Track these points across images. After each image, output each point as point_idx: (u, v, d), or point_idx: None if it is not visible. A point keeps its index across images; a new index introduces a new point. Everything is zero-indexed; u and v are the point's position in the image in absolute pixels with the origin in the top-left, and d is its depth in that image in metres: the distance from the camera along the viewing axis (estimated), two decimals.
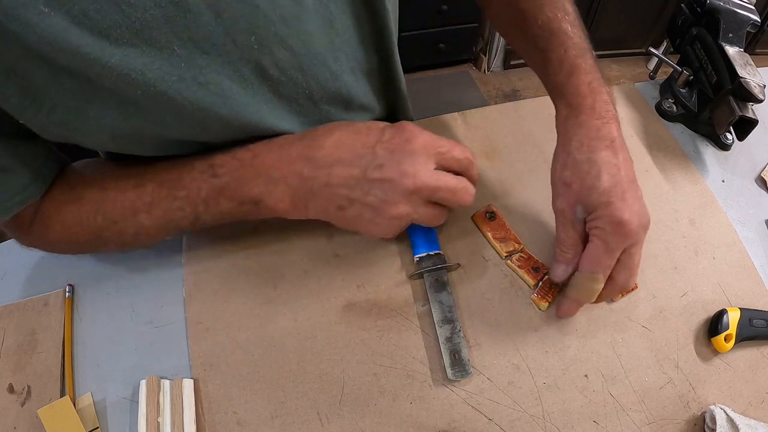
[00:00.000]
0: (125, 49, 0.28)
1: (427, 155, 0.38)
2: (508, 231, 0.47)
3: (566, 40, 0.42)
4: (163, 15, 0.28)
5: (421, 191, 0.38)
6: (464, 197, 0.40)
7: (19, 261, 0.47)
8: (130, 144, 0.37)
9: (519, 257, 0.46)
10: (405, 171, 0.37)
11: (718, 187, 0.54)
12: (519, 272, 0.45)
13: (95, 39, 0.27)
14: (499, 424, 0.39)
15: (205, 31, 0.30)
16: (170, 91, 0.31)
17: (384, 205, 0.37)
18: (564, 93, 0.41)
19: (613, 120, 0.39)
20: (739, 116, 0.49)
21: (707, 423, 0.40)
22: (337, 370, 0.41)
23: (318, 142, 0.38)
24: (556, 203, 0.41)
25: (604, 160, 0.38)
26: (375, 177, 0.37)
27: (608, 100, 0.40)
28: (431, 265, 0.44)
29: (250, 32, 0.32)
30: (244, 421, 0.38)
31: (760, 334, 0.43)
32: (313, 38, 0.37)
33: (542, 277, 0.45)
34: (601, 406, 0.40)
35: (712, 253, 0.49)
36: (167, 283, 0.45)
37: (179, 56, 0.30)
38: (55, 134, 0.34)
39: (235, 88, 0.35)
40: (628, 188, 0.37)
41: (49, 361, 0.41)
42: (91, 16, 0.26)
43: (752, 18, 0.54)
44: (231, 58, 0.33)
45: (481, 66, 1.98)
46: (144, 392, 0.38)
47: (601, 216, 0.37)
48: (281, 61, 0.36)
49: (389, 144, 0.38)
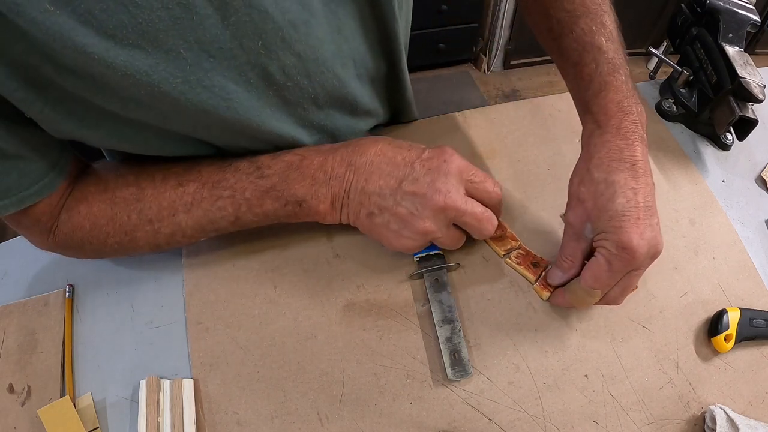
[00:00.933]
0: (130, 51, 0.28)
1: (460, 179, 0.39)
2: (504, 229, 0.47)
3: (599, 55, 0.41)
4: (170, 17, 0.28)
5: (448, 210, 0.38)
6: (487, 226, 0.40)
7: (19, 261, 0.47)
8: (133, 140, 0.36)
9: (517, 254, 0.46)
10: (438, 188, 0.38)
11: (718, 187, 0.54)
12: (518, 269, 0.45)
13: (101, 39, 0.27)
14: (499, 424, 0.39)
15: (212, 35, 0.30)
16: (174, 92, 0.31)
17: (411, 218, 0.38)
18: (592, 110, 0.40)
19: (638, 142, 0.38)
20: (739, 116, 0.49)
21: (707, 423, 0.40)
22: (337, 370, 0.41)
23: (361, 149, 0.40)
24: (568, 215, 0.41)
25: (621, 183, 0.36)
26: (408, 190, 0.38)
27: (637, 121, 0.39)
28: (431, 266, 0.44)
29: (257, 37, 0.32)
30: (244, 421, 0.38)
31: (760, 334, 0.43)
32: (321, 44, 0.37)
33: (543, 271, 0.45)
34: (601, 406, 0.40)
35: (712, 253, 0.49)
36: (167, 283, 0.45)
37: (185, 59, 0.30)
38: (61, 130, 0.34)
39: (239, 91, 0.34)
40: (642, 215, 0.36)
41: (49, 361, 0.41)
42: (97, 15, 0.26)
43: (752, 18, 0.54)
44: (237, 62, 0.33)
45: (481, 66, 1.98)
46: (144, 392, 0.38)
47: (609, 238, 0.36)
48: (288, 66, 0.36)
49: (428, 162, 0.39)
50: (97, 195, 0.40)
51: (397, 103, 0.52)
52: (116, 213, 0.39)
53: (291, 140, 0.41)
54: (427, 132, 0.56)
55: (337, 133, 0.46)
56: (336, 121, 0.44)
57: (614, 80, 0.40)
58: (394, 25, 0.41)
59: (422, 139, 0.55)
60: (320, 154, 0.40)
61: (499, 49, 1.91)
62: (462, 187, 0.39)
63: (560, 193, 0.51)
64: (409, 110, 0.55)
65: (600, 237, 0.37)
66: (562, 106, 0.59)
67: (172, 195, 0.39)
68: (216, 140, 0.39)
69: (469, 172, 0.40)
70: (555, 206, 0.50)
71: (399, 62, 0.46)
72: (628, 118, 0.39)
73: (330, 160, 0.40)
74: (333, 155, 0.40)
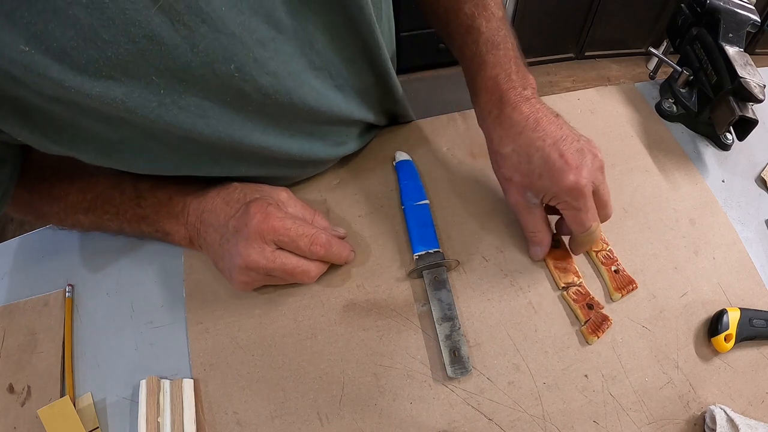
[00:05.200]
0: (105, 82, 0.29)
1: (262, 239, 0.39)
2: (570, 262, 0.46)
3: (478, 36, 0.43)
4: (137, 50, 0.28)
5: (251, 270, 0.40)
6: (302, 279, 0.42)
7: (19, 261, 0.47)
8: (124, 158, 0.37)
9: (576, 291, 0.45)
10: (239, 251, 0.39)
11: (718, 187, 0.54)
12: (572, 306, 0.44)
13: (76, 74, 0.28)
14: (499, 424, 0.39)
15: (182, 63, 0.30)
16: (152, 115, 0.32)
17: (231, 272, 0.41)
18: (475, 91, 0.44)
19: (522, 101, 0.40)
20: (739, 116, 0.49)
21: (707, 423, 0.40)
22: (337, 370, 0.41)
23: (208, 203, 0.43)
24: (508, 199, 0.43)
25: (525, 144, 0.39)
26: (225, 247, 0.41)
27: (517, 86, 0.41)
28: (430, 262, 0.44)
29: (228, 60, 0.32)
30: (244, 421, 0.38)
31: (760, 334, 0.43)
32: (291, 59, 0.36)
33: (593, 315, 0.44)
34: (601, 406, 0.40)
35: (712, 253, 0.49)
36: (167, 283, 0.45)
37: (157, 84, 0.31)
38: (53, 150, 0.34)
39: (217, 108, 0.35)
40: (561, 150, 0.38)
41: (49, 361, 0.41)
42: (69, 52, 0.27)
43: (752, 18, 0.54)
44: (211, 86, 0.33)
45: None
46: (144, 392, 0.38)
47: (554, 194, 0.39)
48: (264, 86, 0.35)
49: (235, 222, 0.40)
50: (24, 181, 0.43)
51: (389, 107, 0.52)
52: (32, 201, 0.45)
53: (279, 152, 0.41)
54: (427, 132, 0.56)
55: (327, 140, 0.46)
56: (324, 129, 0.44)
57: (491, 57, 0.42)
58: (373, 35, 0.40)
59: (422, 138, 0.55)
60: (183, 199, 0.44)
61: None
62: (268, 245, 0.39)
63: None
64: (405, 114, 0.55)
65: (548, 197, 0.40)
66: (561, 106, 0.59)
67: (74, 198, 0.44)
68: (205, 156, 0.40)
69: (273, 231, 0.39)
70: None
71: (385, 71, 0.45)
72: (506, 86, 0.41)
73: (188, 207, 0.43)
74: (193, 203, 0.43)
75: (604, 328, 0.43)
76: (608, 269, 0.46)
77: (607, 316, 0.43)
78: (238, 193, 0.43)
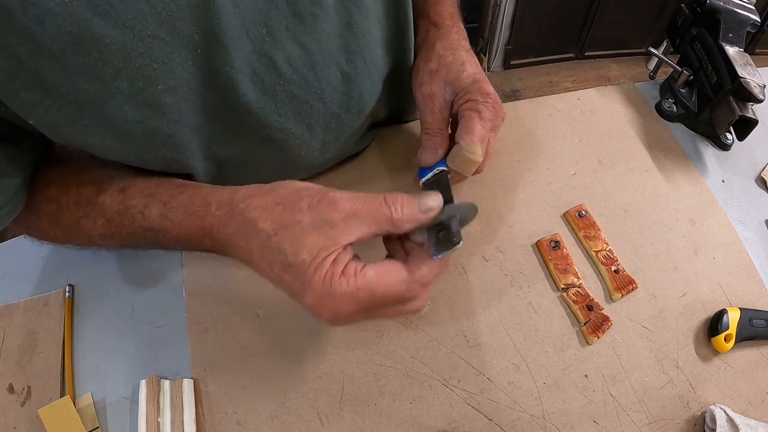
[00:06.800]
0: (149, 42, 0.28)
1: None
2: (570, 264, 0.46)
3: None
4: (188, 5, 0.28)
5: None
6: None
7: (19, 261, 0.47)
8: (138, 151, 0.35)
9: (576, 292, 0.45)
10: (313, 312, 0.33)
11: (718, 187, 0.54)
12: (572, 307, 0.44)
13: (119, 30, 0.26)
14: (499, 424, 0.39)
15: (225, 23, 0.31)
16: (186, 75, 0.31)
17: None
18: (429, 15, 0.48)
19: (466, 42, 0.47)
20: (739, 116, 0.49)
21: (707, 423, 0.40)
22: (337, 370, 0.41)
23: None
24: (423, 88, 0.44)
25: (466, 57, 0.44)
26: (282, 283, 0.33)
27: (464, 31, 0.48)
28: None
29: (261, 23, 0.33)
30: (244, 421, 0.38)
31: (760, 334, 0.43)
32: (327, 37, 0.37)
33: (593, 315, 0.44)
34: (601, 406, 0.40)
35: (712, 253, 0.49)
36: (167, 283, 0.45)
37: (197, 44, 0.30)
38: (61, 134, 0.32)
39: (245, 81, 0.35)
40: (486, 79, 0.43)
41: (49, 361, 0.41)
42: (116, 6, 0.26)
43: (752, 18, 0.54)
44: (244, 51, 0.33)
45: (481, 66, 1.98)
46: (144, 392, 0.38)
47: (471, 90, 0.41)
48: (293, 58, 0.36)
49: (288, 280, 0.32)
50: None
51: (398, 101, 0.52)
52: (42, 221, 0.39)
53: (292, 137, 0.41)
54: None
55: (341, 132, 0.46)
56: (342, 120, 0.44)
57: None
58: (407, 20, 0.44)
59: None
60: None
61: (498, 49, 1.91)
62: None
63: (560, 192, 0.51)
64: (411, 109, 0.55)
65: (462, 97, 0.42)
66: (562, 106, 0.59)
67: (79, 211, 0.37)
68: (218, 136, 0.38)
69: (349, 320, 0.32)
70: (555, 205, 0.50)
71: (407, 59, 0.47)
72: (458, 24, 0.48)
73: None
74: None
75: (605, 329, 0.43)
76: (608, 269, 0.46)
77: (608, 317, 0.43)
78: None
